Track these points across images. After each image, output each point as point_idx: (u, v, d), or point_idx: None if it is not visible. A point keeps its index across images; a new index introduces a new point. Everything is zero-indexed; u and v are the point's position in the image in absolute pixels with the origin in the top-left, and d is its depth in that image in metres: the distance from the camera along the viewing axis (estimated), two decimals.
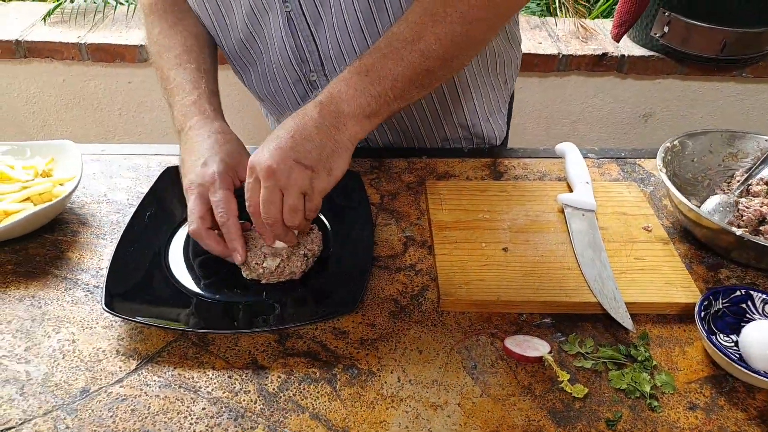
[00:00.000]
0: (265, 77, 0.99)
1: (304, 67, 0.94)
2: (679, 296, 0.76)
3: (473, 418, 0.64)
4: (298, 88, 0.98)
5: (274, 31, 0.90)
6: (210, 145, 0.80)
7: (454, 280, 0.76)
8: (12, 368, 0.67)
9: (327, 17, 0.87)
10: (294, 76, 0.96)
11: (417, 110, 1.01)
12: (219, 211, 0.74)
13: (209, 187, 0.75)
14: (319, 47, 0.91)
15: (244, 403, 0.64)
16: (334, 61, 0.92)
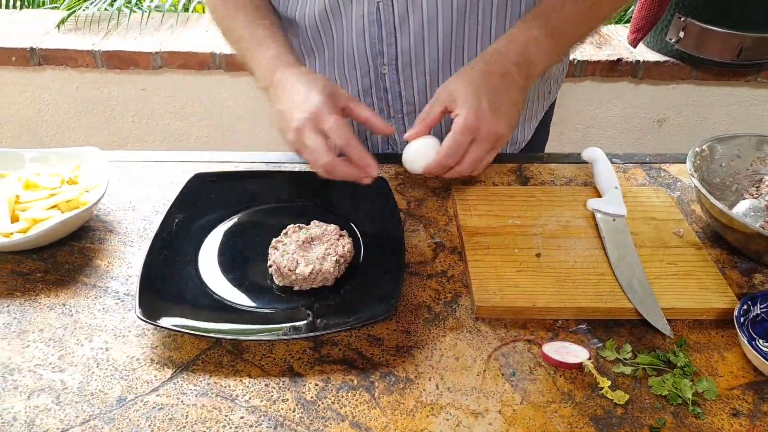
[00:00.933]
0: (333, 64, 0.98)
1: (378, 59, 0.94)
2: (715, 301, 0.75)
3: (515, 426, 0.63)
4: (364, 81, 0.98)
5: (355, 19, 0.90)
6: (303, 84, 0.81)
7: (489, 287, 0.76)
8: (47, 377, 0.66)
9: (416, 14, 0.88)
10: (365, 67, 0.96)
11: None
12: (336, 136, 0.76)
13: (319, 118, 0.76)
14: (398, 42, 0.91)
15: (282, 412, 0.64)
16: (412, 57, 0.93)
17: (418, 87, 0.98)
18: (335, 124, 0.76)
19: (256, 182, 0.91)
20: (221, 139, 1.86)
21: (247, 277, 0.77)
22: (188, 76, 1.72)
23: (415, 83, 0.97)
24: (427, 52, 0.91)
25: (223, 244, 0.82)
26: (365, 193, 0.89)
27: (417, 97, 1.00)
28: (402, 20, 0.89)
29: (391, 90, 0.99)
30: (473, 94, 0.78)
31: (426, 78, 0.96)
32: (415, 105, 1.01)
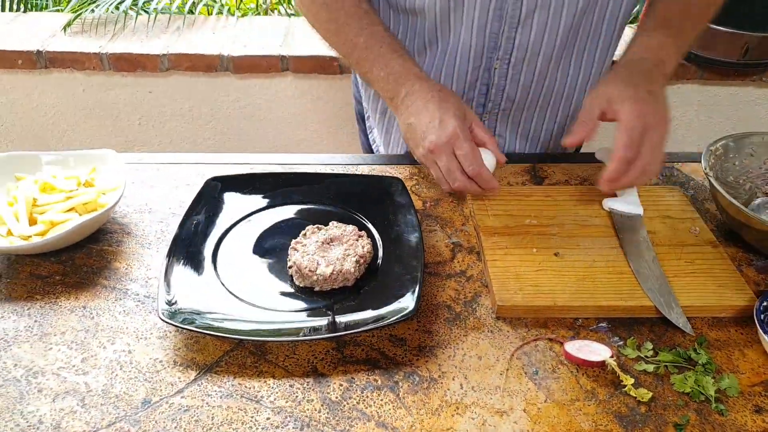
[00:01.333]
0: (443, 58, 0.97)
1: (494, 53, 0.94)
2: (734, 299, 0.76)
3: (540, 424, 0.63)
4: (472, 75, 0.98)
5: (479, 12, 0.90)
6: (438, 104, 0.85)
7: (509, 287, 0.76)
8: (71, 380, 0.66)
9: (543, 9, 0.88)
10: (477, 62, 0.96)
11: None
12: (468, 163, 0.83)
13: (454, 144, 0.83)
14: (518, 37, 0.92)
15: (308, 412, 0.64)
16: (527, 53, 0.94)
17: (524, 83, 0.99)
18: (470, 152, 0.83)
19: (272, 184, 0.91)
20: (229, 142, 1.86)
21: (267, 279, 0.77)
22: (195, 78, 1.72)
23: (523, 79, 0.98)
24: (543, 49, 0.93)
25: (242, 246, 0.82)
26: (382, 193, 0.89)
27: (519, 93, 1.00)
28: (527, 15, 0.89)
29: (496, 85, 0.99)
30: (628, 89, 0.82)
31: (535, 74, 0.97)
32: (515, 101, 1.01)
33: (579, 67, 0.99)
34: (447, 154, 0.83)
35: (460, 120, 0.84)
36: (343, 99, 1.76)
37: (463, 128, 0.84)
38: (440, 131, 0.83)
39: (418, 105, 0.86)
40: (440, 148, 0.83)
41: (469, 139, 0.84)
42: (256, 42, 1.72)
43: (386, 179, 0.91)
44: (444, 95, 0.86)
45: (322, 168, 0.99)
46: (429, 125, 0.84)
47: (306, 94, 1.75)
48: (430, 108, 0.85)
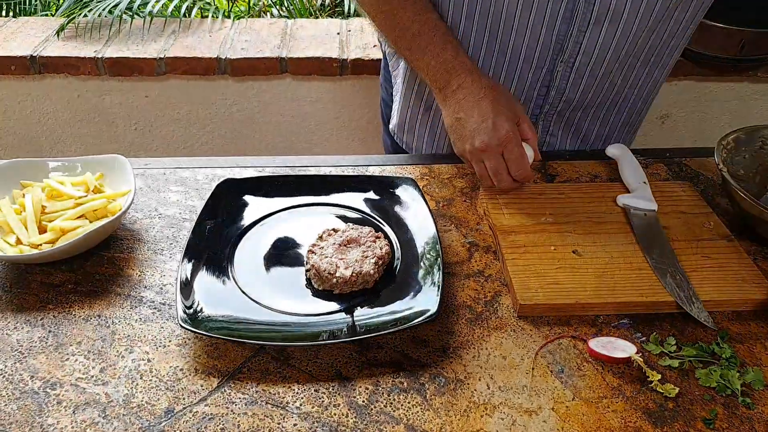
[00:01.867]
0: (505, 57, 0.94)
1: (560, 56, 0.93)
2: (754, 292, 0.76)
3: (570, 423, 0.63)
4: (534, 75, 0.96)
5: (550, 12, 0.87)
6: (490, 104, 0.84)
7: (530, 285, 0.75)
8: (90, 390, 0.65)
9: (615, 15, 0.87)
10: (541, 63, 0.94)
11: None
12: (516, 168, 0.84)
13: (505, 147, 0.83)
14: (586, 41, 0.90)
15: (335, 417, 0.63)
16: (593, 57, 0.92)
17: (584, 87, 0.97)
18: (519, 157, 0.83)
19: (284, 186, 0.90)
20: (227, 146, 1.84)
21: (285, 282, 0.76)
22: (193, 81, 1.70)
23: (584, 83, 0.97)
24: (610, 56, 0.91)
25: (257, 250, 0.81)
26: (395, 194, 0.88)
27: (579, 97, 0.99)
28: (598, 20, 0.88)
29: (557, 87, 0.97)
30: None
31: (597, 79, 0.96)
32: (572, 104, 1.00)
33: (642, 75, 0.98)
34: (496, 155, 0.83)
35: (512, 123, 0.83)
36: (343, 101, 1.75)
37: (516, 132, 0.83)
38: (493, 133, 0.82)
39: (470, 101, 0.85)
40: (491, 149, 0.83)
41: (520, 144, 0.83)
42: (254, 44, 1.70)
43: (399, 179, 0.91)
44: (497, 94, 0.85)
45: (331, 170, 0.98)
46: (481, 125, 0.83)
47: (305, 96, 1.74)
48: (482, 106, 0.84)
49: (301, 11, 2.40)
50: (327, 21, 1.87)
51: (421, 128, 1.10)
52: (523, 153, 0.84)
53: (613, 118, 1.06)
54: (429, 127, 1.08)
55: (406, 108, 1.10)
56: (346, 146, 1.85)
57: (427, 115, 1.07)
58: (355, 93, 1.72)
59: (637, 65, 0.96)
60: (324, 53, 1.66)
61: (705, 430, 0.63)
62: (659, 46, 0.95)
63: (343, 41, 1.74)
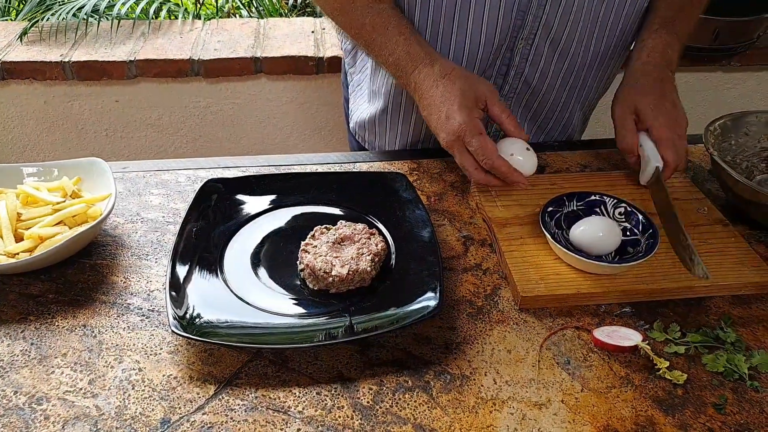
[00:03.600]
0: (465, 36, 0.91)
1: (520, 32, 0.91)
2: (753, 276, 0.76)
3: (581, 414, 0.61)
4: (494, 55, 0.94)
5: None
6: (441, 95, 0.82)
7: (530, 277, 0.74)
8: (80, 404, 0.61)
9: None
10: (501, 41, 0.92)
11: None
12: (481, 158, 0.80)
13: (463, 139, 0.80)
14: (545, 15, 0.89)
15: (340, 420, 0.60)
16: (552, 33, 0.91)
17: (544, 67, 0.96)
18: (479, 146, 0.79)
19: (272, 185, 0.87)
20: (202, 149, 1.79)
21: (278, 283, 0.74)
22: (164, 84, 1.65)
23: (543, 63, 0.95)
24: (568, 29, 0.91)
25: (247, 251, 0.78)
26: (386, 190, 0.86)
27: (537, 78, 0.97)
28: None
29: (516, 67, 0.96)
30: (654, 100, 0.87)
31: (555, 56, 0.95)
32: (531, 86, 0.98)
33: (597, 55, 0.98)
34: (459, 150, 0.81)
35: (466, 111, 0.80)
36: (319, 100, 1.72)
37: (470, 121, 0.80)
38: (447, 128, 0.81)
39: (426, 98, 0.84)
40: (451, 145, 0.81)
41: (478, 132, 0.80)
42: (227, 45, 1.66)
43: (389, 175, 0.89)
44: (448, 82, 0.82)
45: (318, 167, 0.95)
46: (438, 122, 0.82)
47: (281, 96, 1.70)
48: (435, 100, 0.82)
49: (270, 12, 2.36)
50: (301, 20, 1.84)
51: (381, 127, 1.07)
52: (483, 142, 0.79)
53: (572, 106, 1.05)
54: (389, 125, 1.06)
55: (367, 108, 1.08)
56: (325, 145, 1.82)
57: (384, 114, 1.04)
58: (332, 91, 1.69)
59: (593, 39, 0.95)
60: (299, 52, 1.63)
61: (716, 415, 0.62)
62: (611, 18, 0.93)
63: (318, 39, 1.71)
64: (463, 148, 0.81)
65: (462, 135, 0.80)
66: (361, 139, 1.14)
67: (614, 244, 0.76)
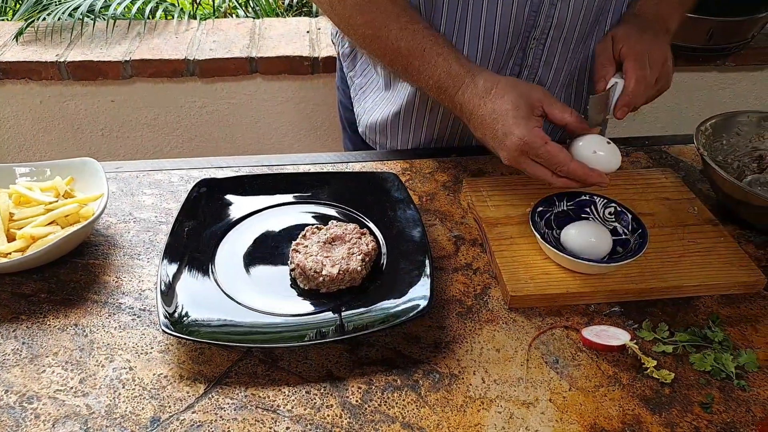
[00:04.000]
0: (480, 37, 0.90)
1: (533, 31, 0.90)
2: (741, 276, 0.76)
3: (568, 413, 0.62)
4: (508, 55, 0.93)
5: None
6: (492, 112, 0.78)
7: (519, 277, 0.74)
8: (70, 402, 0.62)
9: None
10: (515, 41, 0.91)
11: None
12: (554, 167, 0.76)
13: (528, 152, 0.75)
14: (556, 13, 0.88)
15: (329, 419, 0.61)
16: (564, 31, 0.91)
17: (557, 65, 0.96)
18: (546, 155, 0.75)
19: (263, 185, 0.87)
20: (197, 149, 1.80)
21: (269, 283, 0.74)
22: (160, 84, 1.65)
23: (555, 61, 0.95)
24: (579, 25, 0.91)
25: (239, 250, 0.78)
26: (378, 190, 0.87)
27: (552, 78, 0.97)
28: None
29: (530, 67, 0.95)
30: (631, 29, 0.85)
31: (568, 54, 0.95)
32: (546, 85, 0.98)
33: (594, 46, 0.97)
34: (527, 164, 0.77)
35: (523, 123, 0.75)
36: (315, 100, 1.72)
37: (529, 132, 0.75)
38: (507, 146, 0.76)
39: (476, 118, 0.79)
40: (515, 160, 0.77)
41: (541, 143, 0.74)
42: (222, 45, 1.67)
43: (381, 175, 0.89)
44: (496, 97, 0.78)
45: (310, 167, 0.96)
46: (495, 140, 0.78)
47: (276, 96, 1.70)
48: (487, 119, 0.78)
49: (267, 11, 2.36)
50: (296, 20, 1.84)
51: (393, 129, 1.07)
52: (550, 150, 0.74)
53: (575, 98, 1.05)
54: (401, 127, 1.05)
55: (379, 111, 1.07)
56: (320, 145, 1.82)
57: (397, 117, 1.03)
58: (327, 91, 1.69)
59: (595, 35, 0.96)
60: (294, 52, 1.64)
61: (702, 414, 0.62)
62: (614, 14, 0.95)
63: (313, 39, 1.71)
64: (530, 161, 0.77)
65: (525, 150, 0.75)
66: (371, 141, 1.13)
67: (605, 250, 0.76)
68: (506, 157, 0.78)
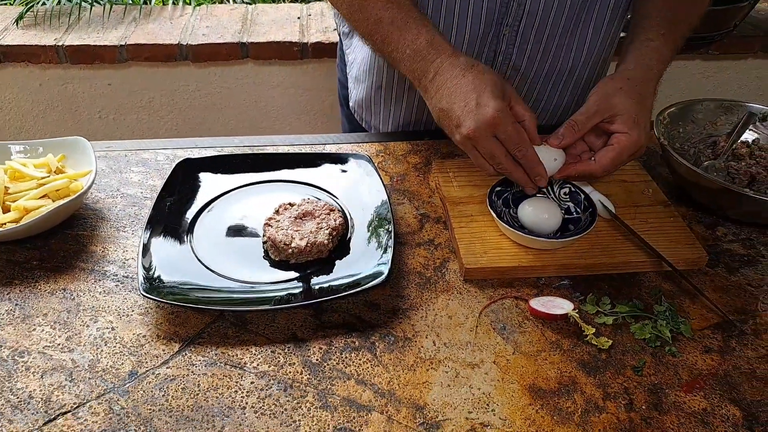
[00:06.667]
0: (453, 21, 0.93)
1: (505, 18, 0.94)
2: (685, 252, 0.81)
3: (510, 374, 0.68)
4: (482, 41, 0.96)
5: None
6: (472, 83, 0.78)
7: (475, 251, 0.80)
8: (57, 357, 0.68)
9: None
10: (487, 27, 0.94)
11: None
12: (513, 146, 0.78)
13: (497, 126, 0.76)
14: (528, 2, 0.91)
15: (290, 375, 0.67)
16: (537, 20, 0.94)
17: (530, 54, 0.99)
18: (514, 134, 0.77)
19: (243, 164, 0.93)
20: (191, 132, 1.86)
21: (243, 254, 0.80)
22: (155, 68, 1.71)
23: (530, 49, 0.98)
24: (552, 18, 0.93)
25: (217, 224, 0.84)
26: (351, 170, 0.92)
27: (526, 64, 1.01)
28: None
29: (503, 53, 0.99)
30: (639, 115, 0.81)
31: (542, 45, 0.98)
32: (520, 71, 1.02)
33: (585, 43, 1.01)
34: (488, 138, 0.77)
35: (499, 99, 0.77)
36: (305, 84, 1.78)
37: (505, 109, 0.77)
38: (478, 115, 0.76)
39: (449, 87, 0.80)
40: (480, 133, 0.77)
41: (512, 121, 0.77)
42: (215, 30, 1.72)
43: (354, 156, 0.94)
44: (477, 72, 0.80)
45: (290, 148, 1.01)
46: (464, 109, 0.78)
47: (267, 80, 1.76)
48: (463, 88, 0.79)
49: None
50: (287, 5, 1.89)
51: (376, 106, 1.13)
52: (518, 130, 0.77)
53: (560, 92, 1.09)
54: (383, 101, 1.11)
55: (363, 86, 1.13)
56: (309, 129, 1.88)
57: (379, 92, 1.09)
58: (316, 76, 1.75)
59: (578, 35, 0.99)
60: (284, 37, 1.69)
61: (633, 376, 0.68)
62: (596, 15, 0.98)
63: (303, 25, 1.76)
64: (491, 135, 0.77)
65: (497, 122, 0.76)
66: (359, 118, 1.19)
67: (556, 225, 0.82)
68: (470, 127, 0.77)
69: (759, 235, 0.88)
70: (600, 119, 0.81)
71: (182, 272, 0.76)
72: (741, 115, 1.01)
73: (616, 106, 0.81)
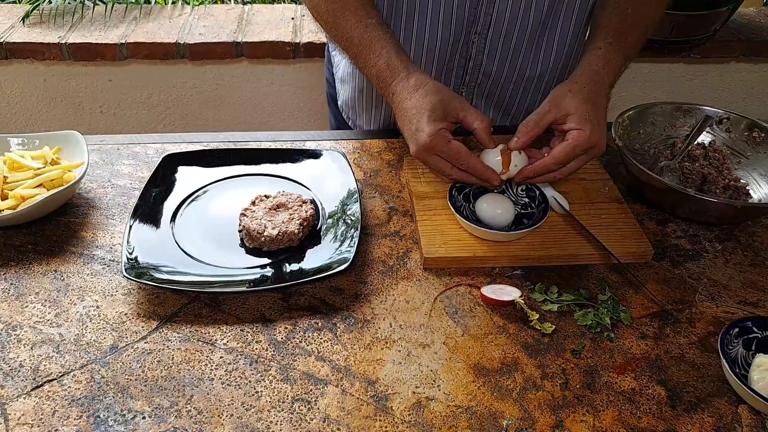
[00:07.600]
0: (424, 28, 1.00)
1: (473, 26, 0.99)
2: (632, 246, 0.87)
3: (457, 354, 0.74)
4: (453, 48, 1.02)
5: None
6: (414, 107, 0.86)
7: (435, 242, 0.86)
8: (46, 331, 0.75)
9: None
10: (457, 34, 1.00)
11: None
12: (455, 162, 0.86)
13: (434, 149, 0.85)
14: (495, 11, 0.97)
15: (257, 351, 0.73)
16: (505, 27, 0.99)
17: (500, 59, 1.05)
18: (451, 152, 0.85)
19: (224, 159, 0.99)
20: (188, 127, 1.93)
21: (220, 241, 0.87)
22: (153, 66, 1.78)
23: (499, 55, 1.04)
24: (519, 25, 0.99)
25: (197, 214, 0.90)
26: (326, 166, 0.99)
27: (496, 69, 1.07)
28: None
29: (473, 59, 1.05)
30: (590, 113, 0.86)
31: (511, 51, 1.04)
32: (491, 76, 1.08)
33: (552, 50, 1.07)
34: (430, 158, 0.86)
35: (434, 124, 0.84)
36: (297, 83, 1.84)
37: (437, 132, 0.84)
38: (417, 139, 0.85)
39: (401, 109, 0.89)
40: (422, 154, 0.86)
41: (445, 142, 0.84)
42: (212, 29, 1.79)
43: (328, 152, 1.01)
44: (420, 95, 0.87)
45: (270, 144, 1.08)
46: (408, 133, 0.87)
47: (261, 78, 1.83)
48: (408, 113, 0.87)
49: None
50: (282, 6, 1.96)
51: (360, 107, 1.20)
52: (454, 149, 0.85)
53: (531, 95, 1.15)
54: (365, 103, 1.18)
55: (349, 87, 1.20)
56: (301, 126, 1.95)
57: (361, 96, 1.16)
58: (308, 75, 1.81)
59: (546, 40, 1.05)
60: (277, 37, 1.75)
61: (572, 359, 0.74)
62: (562, 22, 1.03)
63: (296, 25, 1.83)
64: (434, 156, 0.86)
65: (430, 146, 0.84)
66: (346, 116, 1.26)
67: (508, 219, 0.88)
68: (414, 150, 0.87)
69: (706, 231, 0.94)
70: (553, 119, 0.87)
71: (163, 257, 0.83)
72: (699, 117, 1.06)
73: (567, 106, 0.86)
